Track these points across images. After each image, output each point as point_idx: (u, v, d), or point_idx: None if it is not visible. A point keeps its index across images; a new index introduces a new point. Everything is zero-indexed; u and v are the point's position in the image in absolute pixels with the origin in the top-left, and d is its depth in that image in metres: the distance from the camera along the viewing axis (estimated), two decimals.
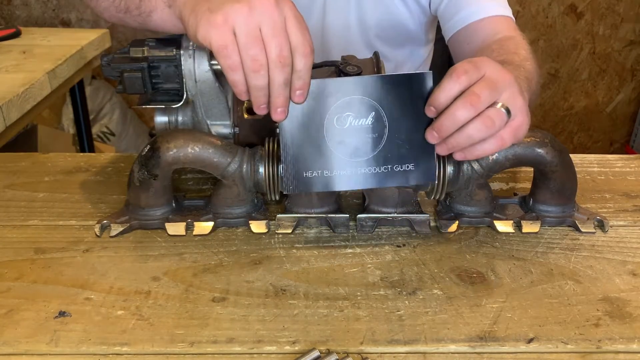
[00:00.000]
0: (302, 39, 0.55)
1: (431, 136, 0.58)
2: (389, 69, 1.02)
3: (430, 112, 0.58)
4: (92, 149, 1.72)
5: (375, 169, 0.61)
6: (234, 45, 0.53)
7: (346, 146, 0.60)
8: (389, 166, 0.61)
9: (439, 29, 1.02)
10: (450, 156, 0.62)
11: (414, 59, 1.06)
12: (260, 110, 0.57)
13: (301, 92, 0.57)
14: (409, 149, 0.60)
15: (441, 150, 0.59)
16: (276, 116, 0.57)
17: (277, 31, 0.53)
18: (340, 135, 0.60)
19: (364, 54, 0.74)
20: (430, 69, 1.13)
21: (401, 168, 0.61)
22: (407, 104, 0.59)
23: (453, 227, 0.67)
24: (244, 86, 0.55)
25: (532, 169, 0.68)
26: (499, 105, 0.56)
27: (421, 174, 0.61)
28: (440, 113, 0.57)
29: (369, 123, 0.59)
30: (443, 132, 0.57)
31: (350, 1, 0.95)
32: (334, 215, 0.66)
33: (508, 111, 0.56)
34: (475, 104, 0.55)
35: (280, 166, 0.61)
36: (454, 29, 0.90)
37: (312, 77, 0.66)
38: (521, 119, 0.58)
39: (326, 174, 0.61)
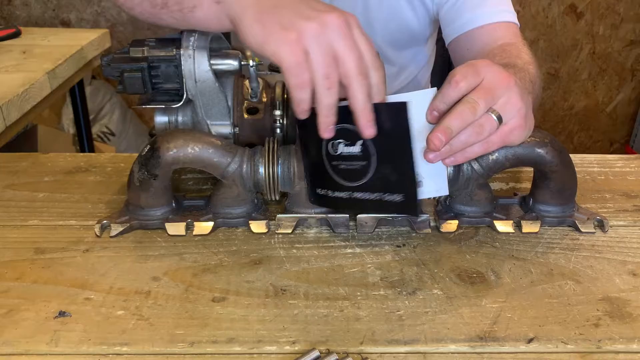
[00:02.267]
0: (373, 55, 0.55)
1: (437, 140, 0.56)
2: (391, 72, 1.02)
3: (432, 116, 0.58)
4: (92, 149, 1.72)
5: (368, 195, 0.61)
6: (305, 64, 0.53)
7: (340, 171, 0.61)
8: (380, 194, 0.61)
9: (439, 29, 1.02)
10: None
11: (417, 61, 1.06)
12: (328, 133, 0.57)
13: (380, 103, 0.57)
14: (397, 179, 0.59)
15: (434, 158, 0.58)
16: (367, 131, 0.56)
17: (350, 47, 0.54)
18: (336, 160, 0.60)
19: None
20: (432, 70, 1.13)
21: (391, 198, 0.60)
22: (388, 133, 0.58)
23: (453, 227, 0.67)
24: (308, 105, 0.55)
25: (532, 169, 0.68)
26: (492, 112, 0.57)
27: (405, 207, 0.61)
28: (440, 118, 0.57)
29: (357, 151, 0.59)
30: (448, 136, 0.56)
31: (357, 2, 0.95)
32: (334, 215, 0.66)
33: (499, 118, 0.57)
34: (475, 112, 0.56)
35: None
36: (454, 34, 0.90)
37: None
38: (516, 122, 0.58)
39: (330, 194, 0.62)
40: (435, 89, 0.58)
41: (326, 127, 0.56)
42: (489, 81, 0.57)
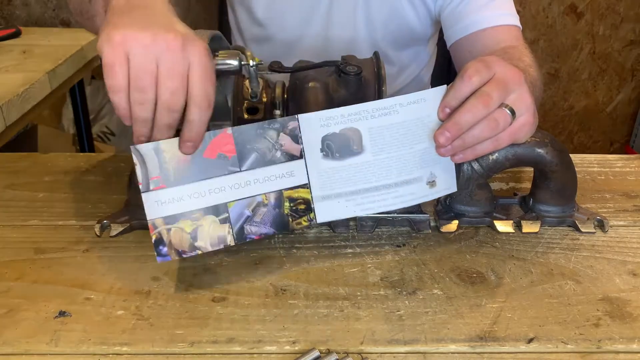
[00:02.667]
0: (202, 91, 0.52)
1: (443, 137, 0.57)
2: (392, 72, 1.02)
3: (444, 113, 0.58)
4: (92, 149, 1.72)
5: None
6: (121, 67, 0.50)
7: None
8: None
9: (440, 29, 1.02)
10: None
11: (418, 61, 1.06)
12: (139, 142, 0.54)
13: (191, 144, 0.54)
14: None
15: (446, 152, 0.58)
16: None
17: (173, 74, 0.50)
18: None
19: (369, 55, 0.74)
20: (433, 70, 1.13)
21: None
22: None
23: (453, 227, 0.67)
24: (126, 111, 0.52)
25: (532, 169, 0.68)
26: (505, 107, 0.57)
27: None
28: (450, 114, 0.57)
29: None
30: (456, 132, 0.57)
31: (358, 1, 0.95)
32: None
33: (513, 112, 0.57)
34: (488, 105, 0.56)
35: None
36: (456, 37, 0.90)
37: (314, 78, 0.66)
38: (525, 119, 0.59)
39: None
40: (445, 86, 0.58)
41: (137, 138, 0.53)
42: (501, 75, 0.57)
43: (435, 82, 1.18)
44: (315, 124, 0.58)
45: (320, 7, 0.95)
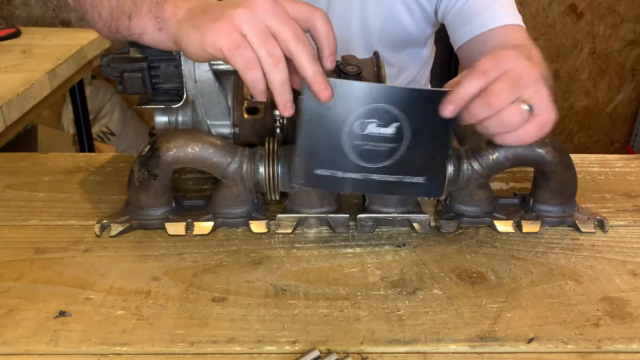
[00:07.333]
0: (310, 9, 0.56)
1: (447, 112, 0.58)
2: (391, 74, 1.02)
3: (447, 110, 0.57)
4: (92, 149, 1.72)
5: (385, 177, 0.60)
6: (245, 44, 0.53)
7: (362, 151, 0.59)
8: (400, 176, 0.60)
9: (439, 29, 1.02)
10: (450, 156, 0.62)
11: (416, 62, 1.06)
12: (287, 110, 0.56)
13: (334, 57, 0.58)
14: (423, 163, 0.60)
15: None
16: (322, 95, 0.55)
17: (284, 19, 0.54)
18: (358, 140, 0.59)
19: (365, 57, 0.74)
20: (433, 70, 1.13)
21: (411, 180, 0.60)
22: (429, 119, 0.58)
23: (453, 227, 0.67)
24: (264, 85, 0.55)
25: (532, 169, 0.68)
26: (522, 103, 0.56)
27: (429, 189, 0.61)
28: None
29: (390, 133, 0.59)
30: (465, 122, 0.57)
31: (353, 5, 0.95)
32: (334, 215, 0.66)
33: (531, 108, 0.56)
34: (494, 104, 0.55)
35: (294, 158, 0.60)
36: (463, 39, 0.89)
37: None
38: (546, 115, 0.57)
39: (337, 174, 0.60)
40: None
41: (284, 104, 0.55)
42: (515, 71, 0.56)
43: (435, 82, 1.18)
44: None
45: None
